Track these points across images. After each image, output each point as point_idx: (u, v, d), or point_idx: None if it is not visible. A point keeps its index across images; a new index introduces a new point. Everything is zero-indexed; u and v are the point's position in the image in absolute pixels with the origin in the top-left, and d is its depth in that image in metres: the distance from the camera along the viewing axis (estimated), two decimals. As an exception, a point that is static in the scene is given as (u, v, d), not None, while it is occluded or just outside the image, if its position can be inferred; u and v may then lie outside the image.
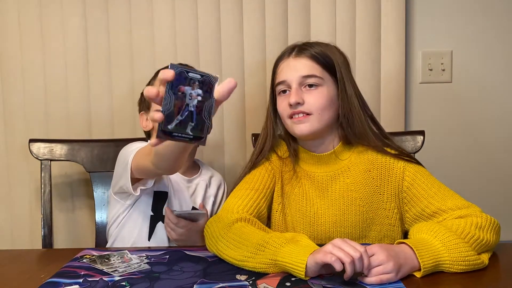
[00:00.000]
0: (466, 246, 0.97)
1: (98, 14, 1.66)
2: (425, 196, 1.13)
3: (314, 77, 1.16)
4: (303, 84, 1.16)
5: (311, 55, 1.17)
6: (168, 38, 1.67)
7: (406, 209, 1.16)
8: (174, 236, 1.24)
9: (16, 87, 1.69)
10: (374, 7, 1.66)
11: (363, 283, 0.90)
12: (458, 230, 1.00)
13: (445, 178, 1.77)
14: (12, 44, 1.67)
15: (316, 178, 1.21)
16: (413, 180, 1.15)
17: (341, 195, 1.19)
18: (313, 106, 1.15)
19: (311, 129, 1.16)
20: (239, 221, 1.08)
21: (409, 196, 1.15)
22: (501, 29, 1.72)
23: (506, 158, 1.77)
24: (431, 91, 1.74)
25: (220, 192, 1.47)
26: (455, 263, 0.95)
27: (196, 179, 1.44)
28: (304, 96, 1.16)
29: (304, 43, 1.21)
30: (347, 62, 1.22)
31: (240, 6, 1.66)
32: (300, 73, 1.16)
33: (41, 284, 0.94)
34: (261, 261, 0.97)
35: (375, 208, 1.17)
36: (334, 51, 1.20)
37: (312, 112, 1.15)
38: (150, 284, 0.93)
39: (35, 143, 1.52)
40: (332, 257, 0.87)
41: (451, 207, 1.10)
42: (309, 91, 1.16)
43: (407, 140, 1.49)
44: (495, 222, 1.06)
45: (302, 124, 1.16)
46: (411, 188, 1.15)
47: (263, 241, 0.99)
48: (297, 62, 1.17)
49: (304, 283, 0.91)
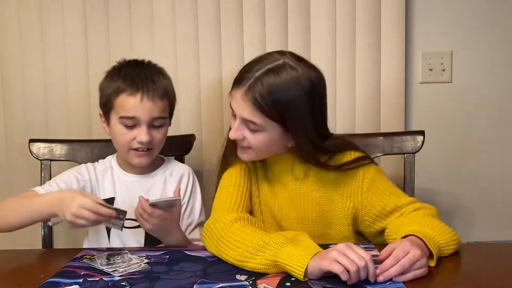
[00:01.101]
0: (447, 229, 1.05)
1: (98, 14, 1.66)
2: (384, 196, 1.17)
3: (253, 124, 1.11)
4: (245, 123, 1.13)
5: (254, 101, 1.08)
6: (168, 38, 1.67)
7: (366, 211, 1.18)
8: (149, 226, 1.17)
9: (16, 87, 1.69)
10: (374, 8, 1.66)
11: (368, 283, 0.90)
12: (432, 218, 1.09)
13: (445, 178, 1.78)
14: (12, 44, 1.67)
15: (280, 178, 1.23)
16: (372, 181, 1.18)
17: (302, 192, 1.21)
18: (253, 144, 1.14)
19: (252, 158, 1.19)
20: (238, 221, 1.08)
21: (369, 196, 1.18)
22: (501, 29, 1.72)
23: (506, 158, 1.77)
24: (431, 91, 1.74)
25: (183, 182, 1.39)
26: (448, 244, 1.02)
27: (152, 174, 1.38)
28: (245, 133, 1.14)
29: (257, 78, 1.08)
30: (311, 87, 1.10)
31: (240, 6, 1.66)
32: (243, 114, 1.11)
33: (41, 284, 0.94)
34: (261, 261, 0.97)
35: (335, 207, 1.20)
36: (290, 86, 1.08)
37: (252, 147, 1.15)
38: (150, 284, 0.93)
39: (35, 143, 1.52)
40: (340, 267, 0.88)
41: (404, 203, 1.16)
42: (251, 130, 1.13)
43: (407, 140, 1.49)
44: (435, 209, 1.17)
45: (244, 154, 1.18)
46: (371, 189, 1.18)
47: (263, 241, 0.99)
48: (243, 101, 1.10)
49: (304, 283, 0.91)
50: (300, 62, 1.11)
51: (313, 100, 1.11)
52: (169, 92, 1.31)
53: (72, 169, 1.38)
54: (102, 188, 1.36)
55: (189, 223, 1.35)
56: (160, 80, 1.30)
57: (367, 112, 1.69)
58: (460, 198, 1.78)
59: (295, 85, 1.08)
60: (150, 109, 1.25)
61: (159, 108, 1.26)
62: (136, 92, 1.24)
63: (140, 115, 1.24)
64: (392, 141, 1.49)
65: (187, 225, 1.35)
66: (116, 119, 1.27)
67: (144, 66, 1.32)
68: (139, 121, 1.25)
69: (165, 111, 1.30)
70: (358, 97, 1.70)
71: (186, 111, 1.70)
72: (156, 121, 1.27)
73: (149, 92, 1.25)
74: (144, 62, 1.35)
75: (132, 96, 1.24)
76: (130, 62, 1.33)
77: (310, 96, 1.10)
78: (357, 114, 1.70)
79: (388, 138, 1.50)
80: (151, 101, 1.24)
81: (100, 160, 1.42)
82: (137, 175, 1.37)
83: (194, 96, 1.69)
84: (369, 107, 1.69)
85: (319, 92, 1.13)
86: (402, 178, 1.49)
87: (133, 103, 1.24)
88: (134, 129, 1.26)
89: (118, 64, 1.34)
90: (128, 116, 1.25)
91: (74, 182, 1.33)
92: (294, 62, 1.10)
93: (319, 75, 1.14)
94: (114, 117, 1.28)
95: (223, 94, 1.69)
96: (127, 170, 1.37)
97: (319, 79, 1.13)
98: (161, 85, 1.28)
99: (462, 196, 1.78)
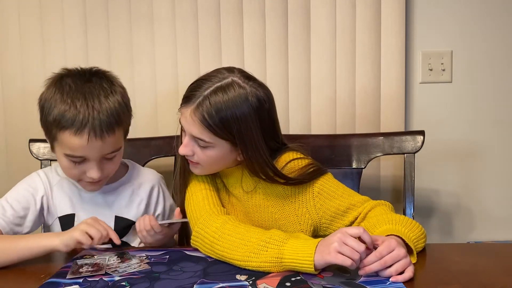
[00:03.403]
0: (414, 223, 1.07)
1: (98, 14, 1.66)
2: (336, 196, 1.18)
3: (202, 141, 1.11)
4: (194, 140, 1.13)
5: (202, 120, 1.08)
6: (168, 38, 1.67)
7: (321, 214, 1.18)
8: (150, 240, 1.16)
9: (16, 87, 1.69)
10: (374, 7, 1.66)
11: (368, 283, 0.91)
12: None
13: (445, 178, 1.78)
14: (12, 44, 1.67)
15: (232, 190, 1.23)
16: (322, 185, 1.19)
17: (254, 204, 1.21)
18: (202, 160, 1.15)
19: (203, 172, 1.19)
20: (228, 222, 1.08)
21: (321, 200, 1.18)
22: (501, 29, 1.72)
23: (506, 158, 1.77)
24: (431, 91, 1.74)
25: (153, 196, 1.30)
26: (418, 239, 1.04)
27: (116, 186, 1.26)
28: (195, 149, 1.14)
29: (205, 97, 1.09)
30: (259, 105, 1.11)
31: (240, 6, 1.66)
32: (192, 132, 1.11)
33: (41, 284, 0.94)
34: (265, 259, 0.97)
35: (287, 215, 1.20)
36: (239, 104, 1.09)
37: (200, 163, 1.16)
38: (150, 284, 0.93)
39: (35, 143, 1.52)
40: (346, 260, 0.90)
41: (359, 201, 1.18)
42: (200, 146, 1.13)
43: (407, 140, 1.49)
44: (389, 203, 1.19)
45: (195, 168, 1.18)
46: (322, 193, 1.18)
47: (263, 240, 0.99)
48: (192, 119, 1.10)
49: (304, 283, 0.91)
50: (248, 80, 1.13)
51: (262, 117, 1.12)
52: (121, 118, 1.14)
53: (23, 182, 1.25)
54: (59, 204, 1.23)
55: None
56: (109, 101, 1.12)
57: (367, 112, 1.70)
58: (460, 198, 1.78)
59: (243, 103, 1.09)
60: (99, 148, 1.10)
61: (110, 144, 1.12)
62: (82, 131, 1.07)
63: (88, 155, 1.11)
64: (392, 141, 1.49)
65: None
66: (61, 152, 1.13)
67: (91, 84, 1.13)
68: (88, 158, 1.12)
69: (118, 143, 1.15)
70: (358, 97, 1.70)
71: (186, 111, 1.70)
72: (109, 155, 1.14)
73: (96, 129, 1.08)
74: (90, 75, 1.16)
75: (77, 136, 1.08)
76: (73, 74, 1.16)
77: (258, 113, 1.11)
78: (357, 114, 1.70)
79: (388, 138, 1.50)
80: (100, 139, 1.09)
81: (53, 165, 1.30)
82: None
83: (194, 96, 1.69)
84: (369, 107, 1.69)
85: (268, 109, 1.14)
86: (402, 178, 1.49)
87: (79, 143, 1.08)
88: (82, 164, 1.13)
89: (59, 76, 1.16)
90: (75, 155, 1.11)
91: (31, 202, 1.21)
92: (242, 80, 1.12)
93: (267, 93, 1.15)
94: (58, 149, 1.14)
95: (223, 94, 1.69)
96: None
97: (267, 96, 1.15)
98: (111, 113, 1.11)
99: (462, 196, 1.78)
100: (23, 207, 1.20)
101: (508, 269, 0.98)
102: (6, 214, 1.17)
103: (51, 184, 1.25)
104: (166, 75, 1.69)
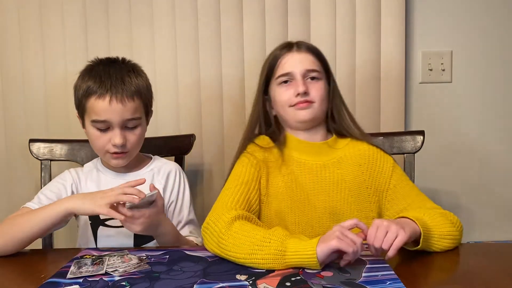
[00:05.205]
0: (450, 223, 1.08)
1: (98, 14, 1.66)
2: (406, 198, 1.21)
3: (316, 72, 1.26)
4: (306, 77, 1.25)
5: (312, 51, 1.28)
6: (168, 38, 1.67)
7: (387, 206, 1.23)
8: (137, 228, 1.14)
9: (16, 87, 1.69)
10: (374, 7, 1.67)
11: (368, 283, 0.90)
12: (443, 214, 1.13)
13: (445, 178, 1.78)
14: (12, 44, 1.67)
15: (307, 164, 1.26)
16: (398, 182, 1.24)
17: (332, 182, 1.24)
18: (316, 96, 1.25)
19: (312, 115, 1.25)
20: (238, 219, 1.08)
21: (393, 194, 1.23)
22: (501, 29, 1.72)
23: (506, 158, 1.77)
24: (431, 91, 1.74)
25: (170, 179, 1.37)
26: (441, 237, 1.05)
27: (139, 172, 1.35)
28: (308, 86, 1.24)
29: (299, 41, 1.30)
30: None
31: (240, 6, 1.66)
32: (305, 66, 1.25)
33: (41, 284, 0.94)
34: (269, 251, 0.98)
35: (361, 200, 1.24)
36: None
37: (315, 100, 1.25)
38: (150, 284, 0.93)
39: (35, 143, 1.52)
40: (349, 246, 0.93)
41: (430, 208, 1.17)
42: (311, 83, 1.25)
43: (407, 140, 1.49)
44: (461, 224, 1.16)
45: (305, 111, 1.24)
46: (395, 189, 1.23)
47: (265, 237, 1.00)
48: (301, 56, 1.27)
49: (304, 283, 0.91)
50: None
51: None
52: (141, 91, 1.26)
53: (55, 179, 1.36)
54: (86, 189, 1.32)
55: (178, 221, 1.34)
56: (132, 78, 1.25)
57: (367, 112, 1.70)
58: (460, 198, 1.78)
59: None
60: (120, 111, 1.21)
61: (130, 109, 1.23)
62: (104, 94, 1.20)
63: (110, 118, 1.21)
64: (392, 141, 1.50)
65: (176, 224, 1.33)
66: (89, 122, 1.25)
67: (116, 65, 1.28)
68: (111, 123, 1.22)
69: (137, 112, 1.25)
70: (358, 97, 1.70)
71: (186, 111, 1.70)
72: (129, 122, 1.24)
73: (117, 93, 1.21)
74: (117, 60, 1.30)
75: (100, 99, 1.21)
76: (102, 61, 1.29)
77: None
78: (357, 114, 1.70)
79: (388, 138, 1.50)
80: (120, 103, 1.21)
81: (85, 164, 1.40)
82: (123, 173, 1.34)
83: (194, 96, 1.70)
84: (369, 107, 1.69)
85: None
86: (402, 178, 1.49)
87: (102, 106, 1.21)
88: (108, 132, 1.23)
89: (91, 63, 1.30)
90: (99, 120, 1.22)
91: (62, 189, 1.31)
92: None
93: None
94: (87, 120, 1.25)
95: (223, 94, 1.69)
96: (112, 169, 1.34)
97: None
98: (131, 85, 1.24)
99: (462, 196, 1.79)
100: (56, 195, 1.29)
101: (508, 269, 0.98)
102: (42, 203, 1.25)
103: (79, 175, 1.35)
104: (166, 75, 1.69)
